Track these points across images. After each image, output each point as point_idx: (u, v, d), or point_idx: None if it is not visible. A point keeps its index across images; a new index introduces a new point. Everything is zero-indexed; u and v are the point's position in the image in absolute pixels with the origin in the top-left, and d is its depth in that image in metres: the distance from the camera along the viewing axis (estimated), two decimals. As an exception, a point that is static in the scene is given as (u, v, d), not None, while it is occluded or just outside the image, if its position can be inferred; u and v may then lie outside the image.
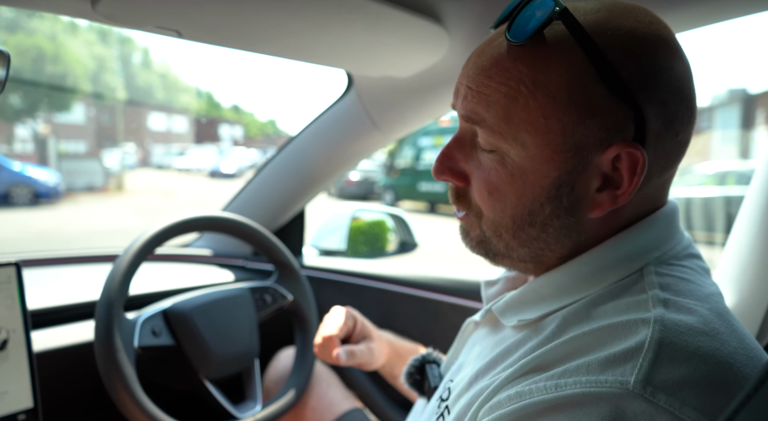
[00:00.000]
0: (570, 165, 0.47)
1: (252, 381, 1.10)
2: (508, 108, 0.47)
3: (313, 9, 0.76)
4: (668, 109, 0.47)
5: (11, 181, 11.91)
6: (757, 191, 0.89)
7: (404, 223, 2.06)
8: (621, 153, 0.46)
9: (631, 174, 0.47)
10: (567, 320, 0.49)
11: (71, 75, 21.68)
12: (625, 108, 0.45)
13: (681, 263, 0.51)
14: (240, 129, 45.77)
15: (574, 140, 0.46)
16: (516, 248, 0.53)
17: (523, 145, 0.48)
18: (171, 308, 1.02)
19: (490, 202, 0.52)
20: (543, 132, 0.47)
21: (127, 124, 31.11)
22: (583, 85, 0.45)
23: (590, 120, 0.46)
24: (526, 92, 0.47)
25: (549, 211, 0.49)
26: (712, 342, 0.41)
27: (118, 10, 0.72)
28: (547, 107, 0.46)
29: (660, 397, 0.38)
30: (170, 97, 36.07)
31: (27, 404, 0.83)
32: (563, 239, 0.51)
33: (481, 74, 0.49)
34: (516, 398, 0.44)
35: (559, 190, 0.48)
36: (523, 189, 0.49)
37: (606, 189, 0.48)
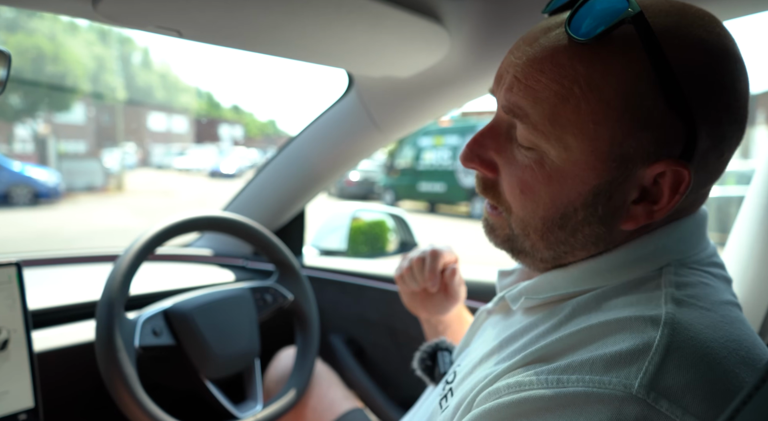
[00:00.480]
0: (612, 175, 0.45)
1: (252, 381, 1.10)
2: (557, 107, 0.45)
3: (314, 9, 0.76)
4: (720, 129, 0.45)
5: (11, 181, 11.92)
6: (758, 191, 0.89)
7: (405, 223, 2.07)
8: (666, 170, 0.44)
9: (672, 192, 0.45)
10: (576, 309, 0.48)
11: (71, 75, 21.68)
12: (678, 124, 0.43)
13: (703, 268, 0.50)
14: (240, 129, 45.80)
15: (621, 151, 0.44)
16: (541, 250, 0.51)
17: (567, 148, 0.45)
18: (172, 308, 1.02)
19: (521, 201, 0.50)
20: (590, 138, 0.44)
21: (127, 124, 31.12)
22: (641, 95, 0.43)
23: (641, 132, 0.43)
24: (579, 93, 0.44)
25: (582, 217, 0.48)
26: (720, 350, 0.40)
27: (119, 10, 0.72)
28: (599, 113, 0.43)
29: (663, 403, 0.37)
30: (170, 97, 36.08)
31: (28, 404, 0.83)
32: (589, 246, 0.50)
33: (532, 66, 0.46)
34: (515, 388, 0.43)
35: (596, 199, 0.46)
36: (559, 192, 0.47)
37: (642, 202, 0.46)
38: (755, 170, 0.92)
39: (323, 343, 1.46)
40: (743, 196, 0.93)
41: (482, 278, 1.23)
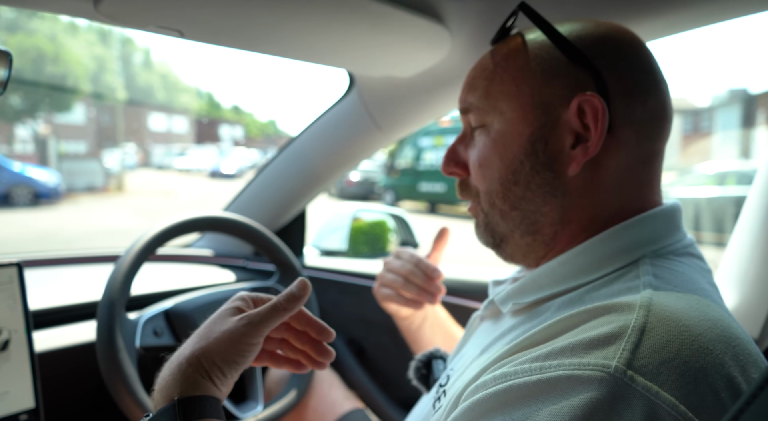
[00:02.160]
0: (540, 121, 0.54)
1: (253, 381, 1.10)
2: (488, 87, 0.57)
3: (315, 9, 0.76)
4: (629, 76, 0.53)
5: (12, 181, 11.92)
6: (759, 191, 0.89)
7: (405, 223, 2.06)
8: (582, 104, 0.52)
9: (595, 122, 0.51)
10: (561, 305, 0.51)
11: (71, 75, 21.68)
12: (583, 71, 0.53)
13: (679, 258, 0.52)
14: (240, 129, 45.80)
15: (542, 99, 0.54)
16: (509, 213, 0.57)
17: (502, 112, 0.56)
18: (173, 309, 1.02)
19: (481, 174, 0.59)
20: (515, 96, 0.55)
21: (127, 124, 31.14)
22: (545, 55, 0.55)
23: (553, 81, 0.54)
24: (500, 71, 0.57)
25: (529, 167, 0.55)
26: (694, 328, 0.42)
27: (121, 10, 0.72)
28: (517, 76, 0.55)
29: (638, 381, 0.38)
30: (171, 98, 36.08)
31: (28, 405, 0.83)
32: (548, 198, 0.55)
33: (470, 74, 0.61)
34: (501, 379, 0.44)
35: (535, 146, 0.54)
36: (504, 151, 0.56)
37: (579, 145, 0.53)
38: (756, 171, 0.92)
39: (324, 343, 1.46)
40: (744, 196, 0.93)
41: (481, 278, 1.23)
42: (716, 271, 0.96)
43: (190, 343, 0.54)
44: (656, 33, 0.84)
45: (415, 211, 11.83)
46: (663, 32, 0.83)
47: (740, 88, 15.66)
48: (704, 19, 0.79)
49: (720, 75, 51.22)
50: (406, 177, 12.33)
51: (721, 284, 0.92)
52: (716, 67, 55.93)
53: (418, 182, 11.95)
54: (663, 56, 3.97)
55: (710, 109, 13.03)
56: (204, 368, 0.52)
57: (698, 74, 54.98)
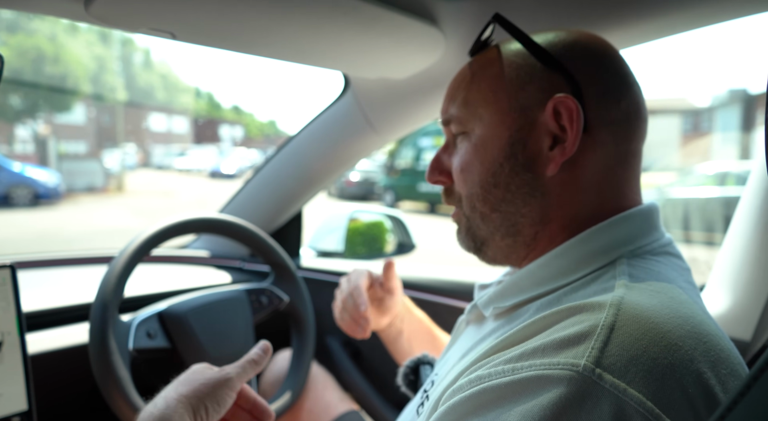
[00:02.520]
0: (518, 124, 0.56)
1: (248, 383, 1.10)
2: (467, 96, 0.60)
3: (309, 11, 0.76)
4: (602, 78, 0.55)
5: (11, 181, 11.93)
6: (753, 192, 0.88)
7: (402, 224, 2.06)
8: (557, 106, 0.53)
9: (570, 123, 0.53)
10: (540, 308, 0.51)
11: (71, 76, 21.67)
12: (558, 75, 0.55)
13: (656, 258, 0.53)
14: (240, 129, 45.81)
15: (518, 103, 0.56)
16: (490, 215, 0.59)
17: (481, 118, 0.58)
18: (166, 310, 1.01)
19: (462, 178, 0.60)
20: (493, 102, 0.57)
21: (127, 124, 31.15)
22: (520, 61, 0.57)
23: (528, 85, 0.56)
24: (477, 79, 0.59)
25: (508, 169, 0.56)
26: (663, 325, 0.42)
27: (112, 12, 0.72)
28: (493, 83, 0.58)
29: (606, 379, 0.38)
30: (170, 98, 36.08)
31: (21, 407, 0.83)
32: (528, 199, 0.56)
33: (450, 86, 0.64)
34: (476, 382, 0.45)
35: (514, 148, 0.56)
36: (484, 155, 0.58)
37: (557, 146, 0.54)
38: (751, 171, 0.92)
39: (319, 345, 1.46)
40: (740, 196, 0.93)
41: (475, 280, 1.22)
42: (710, 273, 0.95)
43: (174, 386, 0.60)
44: (655, 34, 0.84)
45: (414, 211, 11.84)
46: (663, 33, 0.83)
47: (740, 88, 15.65)
48: (703, 20, 0.79)
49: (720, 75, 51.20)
50: (405, 177, 12.33)
51: (714, 286, 0.92)
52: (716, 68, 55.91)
53: (417, 182, 11.95)
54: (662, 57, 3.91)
55: (710, 109, 13.02)
56: (191, 407, 0.57)
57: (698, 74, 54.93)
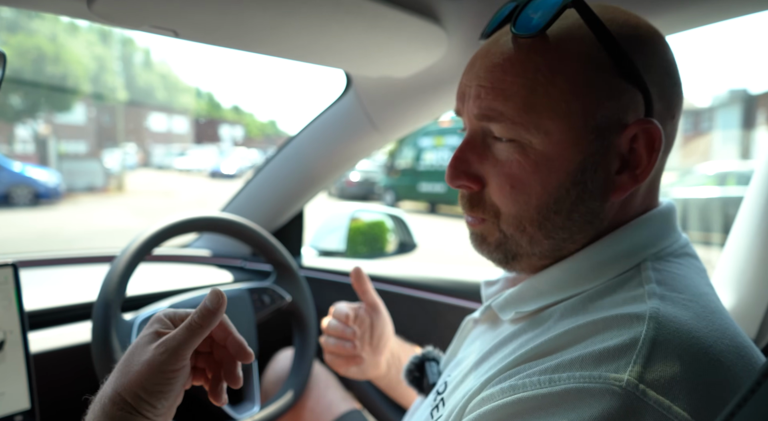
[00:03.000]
0: (593, 147, 0.48)
1: (250, 382, 1.09)
2: (528, 98, 0.48)
3: (311, 9, 0.76)
4: (666, 92, 0.50)
5: (12, 181, 11.92)
6: (756, 192, 0.88)
7: (403, 223, 2.06)
8: (638, 132, 0.48)
9: (649, 151, 0.48)
10: (564, 313, 0.49)
11: (72, 75, 21.67)
12: (635, 91, 0.48)
13: (678, 260, 0.51)
14: (240, 129, 45.82)
15: (596, 122, 0.48)
16: (541, 241, 0.52)
17: (547, 132, 0.48)
18: (169, 310, 1.01)
19: (513, 197, 0.51)
20: (565, 116, 0.47)
21: (127, 124, 31.16)
22: (599, 70, 0.47)
23: (608, 102, 0.47)
24: (544, 81, 0.47)
25: (575, 196, 0.49)
26: (704, 340, 0.41)
27: (114, 10, 0.72)
28: (566, 92, 0.47)
29: (650, 396, 0.38)
30: (171, 98, 36.09)
31: (24, 406, 0.83)
32: (586, 227, 0.51)
33: (494, 71, 0.50)
34: (509, 392, 0.44)
35: (584, 175, 0.49)
36: (548, 177, 0.49)
37: (625, 171, 0.49)
38: (754, 171, 0.92)
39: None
40: (741, 196, 0.93)
41: (478, 279, 1.22)
42: (714, 271, 0.95)
43: (111, 380, 0.51)
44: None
45: (415, 211, 11.84)
46: (664, 32, 0.83)
47: (740, 88, 15.65)
48: (704, 19, 0.79)
49: (720, 75, 51.23)
50: (406, 177, 12.32)
51: (719, 285, 0.92)
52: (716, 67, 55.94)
53: (418, 182, 11.94)
54: (662, 56, 3.93)
55: (710, 109, 13.02)
56: (130, 405, 0.48)
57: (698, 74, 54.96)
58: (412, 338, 1.32)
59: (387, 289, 1.37)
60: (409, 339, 1.31)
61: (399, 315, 1.33)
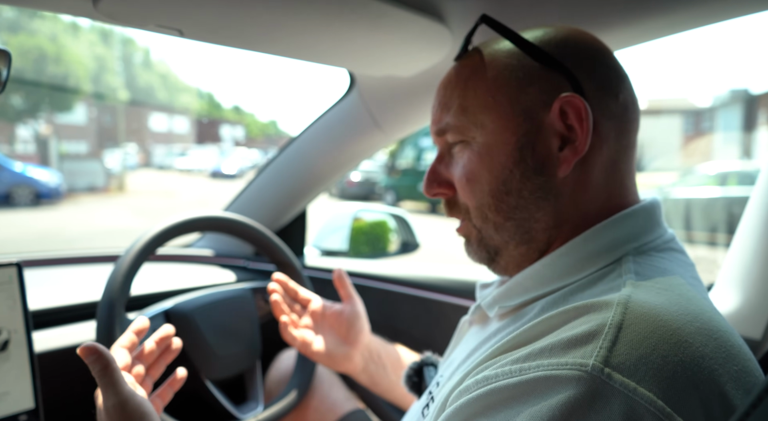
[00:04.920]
0: (524, 128, 0.54)
1: (254, 382, 1.09)
2: (463, 103, 0.57)
3: (316, 8, 0.76)
4: (598, 73, 0.54)
5: (12, 181, 11.94)
6: (762, 192, 0.88)
7: (406, 223, 2.06)
8: (563, 106, 0.53)
9: (579, 121, 0.52)
10: (545, 307, 0.51)
11: (73, 75, 21.71)
12: (557, 75, 0.54)
13: (660, 255, 0.52)
14: (241, 129, 45.85)
15: (521, 106, 0.54)
16: (503, 224, 0.57)
17: (482, 125, 0.56)
18: (173, 309, 1.01)
19: (470, 189, 0.57)
20: (493, 107, 0.55)
21: (128, 124, 31.18)
22: (516, 63, 0.55)
23: (529, 87, 0.54)
24: (472, 85, 0.57)
25: (519, 175, 0.54)
26: (672, 322, 0.41)
27: (120, 9, 0.72)
28: (491, 87, 0.55)
29: (616, 378, 0.38)
30: (171, 98, 36.13)
31: (28, 405, 0.83)
32: (542, 203, 0.55)
33: (440, 90, 0.61)
34: (483, 382, 0.44)
35: (522, 153, 0.54)
36: (491, 163, 0.55)
37: (566, 147, 0.54)
38: (760, 171, 0.91)
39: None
40: (745, 196, 0.92)
41: (477, 278, 1.22)
42: (718, 272, 0.95)
43: None
44: (656, 33, 0.83)
45: (415, 211, 11.84)
46: (664, 32, 0.83)
47: (742, 88, 15.64)
48: (705, 19, 0.79)
49: (721, 75, 51.18)
50: (407, 177, 12.33)
51: (724, 285, 0.92)
52: (717, 68, 55.90)
53: (419, 182, 11.94)
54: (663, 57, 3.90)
55: (711, 109, 13.02)
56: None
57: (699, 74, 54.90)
58: (416, 338, 1.32)
59: (390, 289, 1.37)
60: (412, 339, 1.31)
61: (402, 315, 1.33)
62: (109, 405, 0.64)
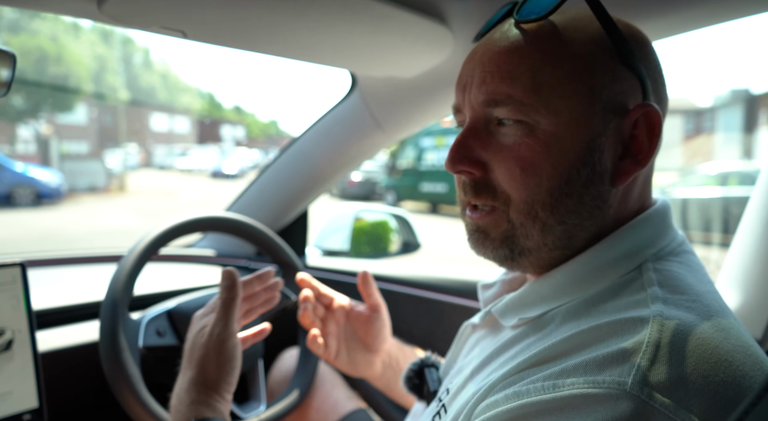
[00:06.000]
0: (601, 127, 0.49)
1: (256, 381, 1.10)
2: (536, 79, 0.48)
3: (318, 9, 0.76)
4: (655, 79, 0.51)
5: (14, 181, 11.94)
6: (763, 192, 0.88)
7: (407, 223, 2.06)
8: (639, 117, 0.49)
9: (649, 135, 0.49)
10: (566, 317, 0.49)
11: (74, 76, 21.72)
12: (634, 78, 0.49)
13: (677, 259, 0.51)
14: (242, 129, 45.83)
15: (602, 103, 0.49)
16: (553, 228, 0.50)
17: (556, 111, 0.48)
18: (175, 309, 1.02)
19: (523, 180, 0.50)
20: (574, 95, 0.48)
21: (129, 124, 31.19)
22: (603, 53, 0.49)
23: (614, 84, 0.49)
24: (550, 62, 0.48)
25: (585, 178, 0.49)
26: (710, 341, 0.41)
27: (124, 11, 0.72)
28: (574, 73, 0.48)
29: (656, 398, 0.37)
30: (172, 98, 36.13)
31: (32, 404, 0.83)
32: (595, 212, 0.51)
33: (500, 56, 0.50)
34: (513, 398, 0.44)
35: (593, 156, 0.49)
36: (558, 157, 0.49)
37: (627, 157, 0.50)
38: (760, 171, 0.92)
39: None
40: (746, 196, 0.93)
41: (480, 278, 1.22)
42: (719, 272, 0.96)
43: (184, 372, 0.73)
44: (658, 33, 0.84)
45: (416, 211, 11.83)
46: (665, 33, 0.83)
47: (742, 88, 15.63)
48: (706, 20, 0.79)
49: (722, 75, 51.14)
50: (407, 177, 12.33)
51: (724, 284, 0.92)
52: (718, 68, 55.85)
53: (419, 183, 11.95)
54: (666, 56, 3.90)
55: (712, 109, 13.01)
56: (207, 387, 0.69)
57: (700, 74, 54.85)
58: (417, 338, 1.32)
59: (392, 289, 1.37)
60: (414, 339, 1.31)
61: (404, 315, 1.33)
62: (214, 333, 0.72)
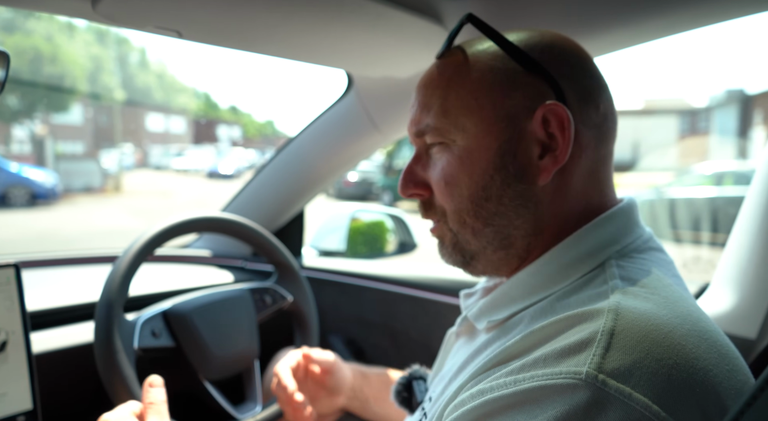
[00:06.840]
0: (506, 134, 0.53)
1: (252, 382, 1.10)
2: (444, 104, 0.56)
3: (314, 9, 0.76)
4: (581, 82, 0.54)
5: (8, 182, 11.90)
6: (758, 192, 0.89)
7: (403, 223, 2.07)
8: (546, 114, 0.52)
9: (561, 131, 0.52)
10: (534, 316, 0.51)
11: (69, 76, 21.64)
12: (541, 81, 0.53)
13: (642, 255, 0.53)
14: (238, 130, 45.73)
15: (504, 111, 0.53)
16: (482, 230, 0.56)
17: (464, 128, 0.54)
18: (171, 309, 1.01)
19: (448, 192, 0.56)
20: (476, 110, 0.54)
21: (124, 124, 31.09)
22: (500, 66, 0.54)
23: (513, 92, 0.53)
24: (455, 86, 0.55)
25: (500, 181, 0.54)
26: (664, 327, 0.42)
27: (119, 11, 0.72)
28: (474, 90, 0.54)
29: (611, 385, 0.38)
30: (168, 98, 36.06)
31: (26, 406, 0.83)
32: (521, 211, 0.54)
33: (420, 90, 0.59)
34: (478, 396, 0.45)
35: (504, 159, 0.53)
36: (471, 167, 0.54)
37: (546, 155, 0.53)
38: (755, 171, 0.92)
39: (322, 344, 1.46)
40: (741, 196, 0.93)
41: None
42: (714, 271, 0.96)
43: None
44: (655, 34, 0.84)
45: (412, 211, 11.83)
46: (663, 33, 0.83)
47: (737, 88, 15.71)
48: (700, 21, 0.79)
49: (717, 75, 51.38)
50: (404, 177, 12.32)
51: (719, 284, 0.93)
52: (713, 68, 56.12)
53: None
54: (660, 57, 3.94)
55: (707, 109, 13.07)
56: None
57: (695, 75, 55.07)
58: (413, 338, 1.32)
59: (388, 289, 1.37)
60: (410, 339, 1.31)
61: (400, 315, 1.33)
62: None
